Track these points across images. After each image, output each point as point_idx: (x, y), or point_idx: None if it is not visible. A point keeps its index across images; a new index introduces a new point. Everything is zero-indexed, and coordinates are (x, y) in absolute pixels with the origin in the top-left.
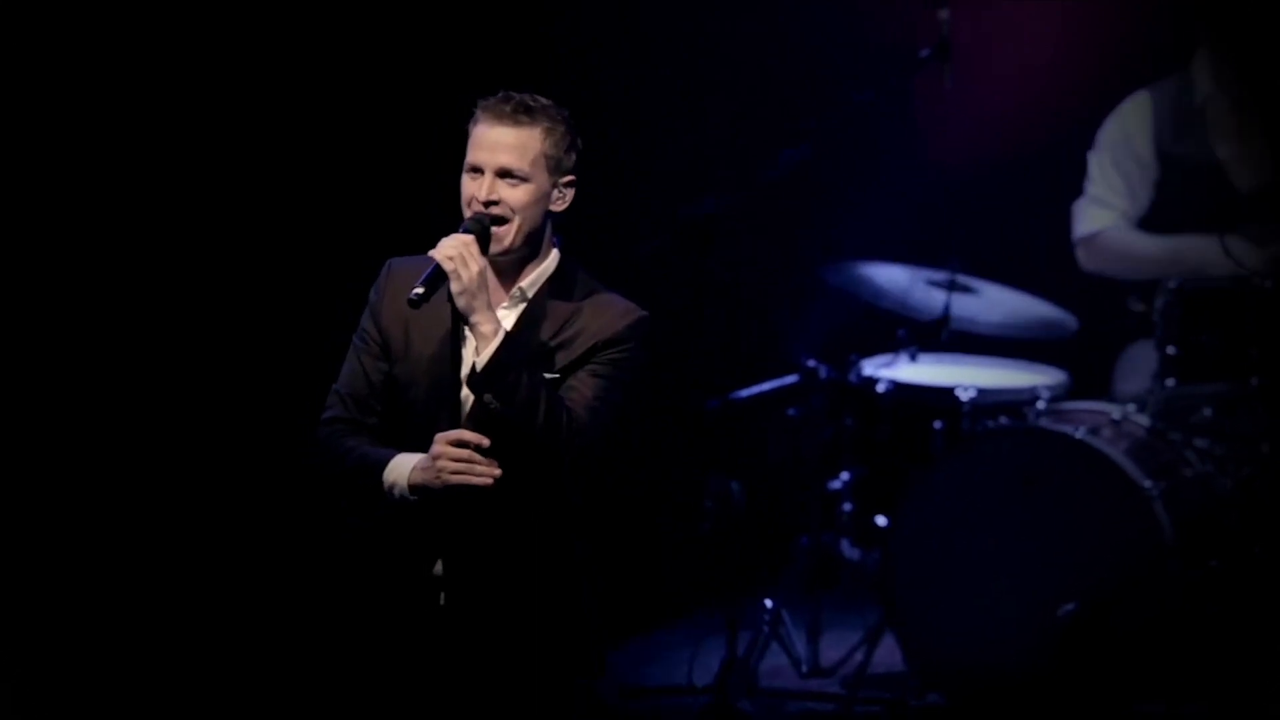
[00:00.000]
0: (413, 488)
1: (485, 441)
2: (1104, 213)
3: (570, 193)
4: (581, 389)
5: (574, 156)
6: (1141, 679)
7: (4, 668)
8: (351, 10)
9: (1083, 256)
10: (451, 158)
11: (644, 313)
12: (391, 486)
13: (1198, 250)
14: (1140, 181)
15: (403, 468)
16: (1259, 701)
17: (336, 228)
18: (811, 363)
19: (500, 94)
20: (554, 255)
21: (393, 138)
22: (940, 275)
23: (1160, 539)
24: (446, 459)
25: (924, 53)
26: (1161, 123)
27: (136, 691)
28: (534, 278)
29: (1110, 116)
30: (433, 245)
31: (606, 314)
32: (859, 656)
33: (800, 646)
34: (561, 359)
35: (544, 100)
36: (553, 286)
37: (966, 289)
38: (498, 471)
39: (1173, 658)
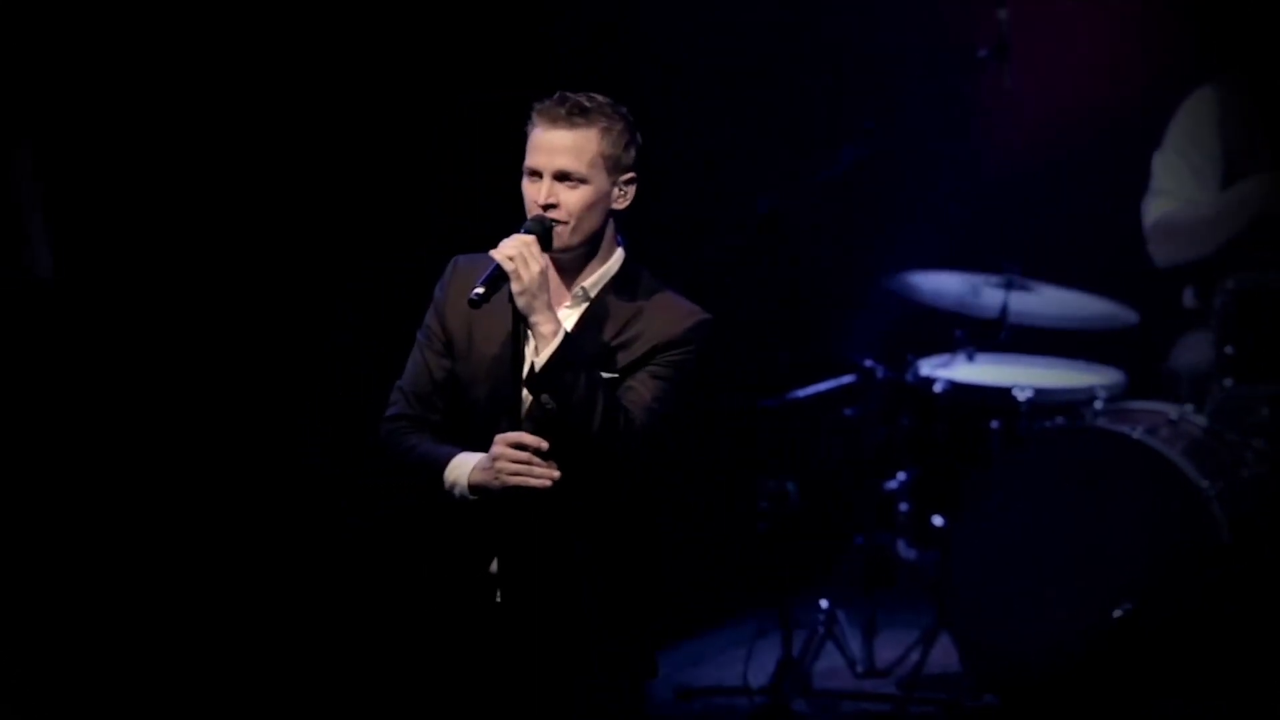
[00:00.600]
0: (473, 487)
1: (544, 444)
2: (1168, 201)
3: (631, 190)
4: (640, 390)
5: (633, 153)
6: (1198, 679)
7: (4, 668)
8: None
9: (1154, 249)
10: (457, 156)
11: (707, 315)
12: (453, 485)
13: (1262, 189)
14: (1209, 175)
15: (464, 467)
16: None
17: (334, 228)
18: (868, 362)
19: (556, 95)
20: (618, 255)
21: (396, 137)
22: (998, 278)
23: (1217, 539)
24: (505, 460)
25: (982, 52)
26: (1227, 117)
27: (141, 691)
28: (596, 277)
29: (1175, 114)
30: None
31: (669, 315)
32: (914, 657)
33: (855, 647)
34: (622, 359)
35: (600, 98)
36: (616, 286)
37: (1024, 288)
38: (556, 474)
39: (1230, 658)
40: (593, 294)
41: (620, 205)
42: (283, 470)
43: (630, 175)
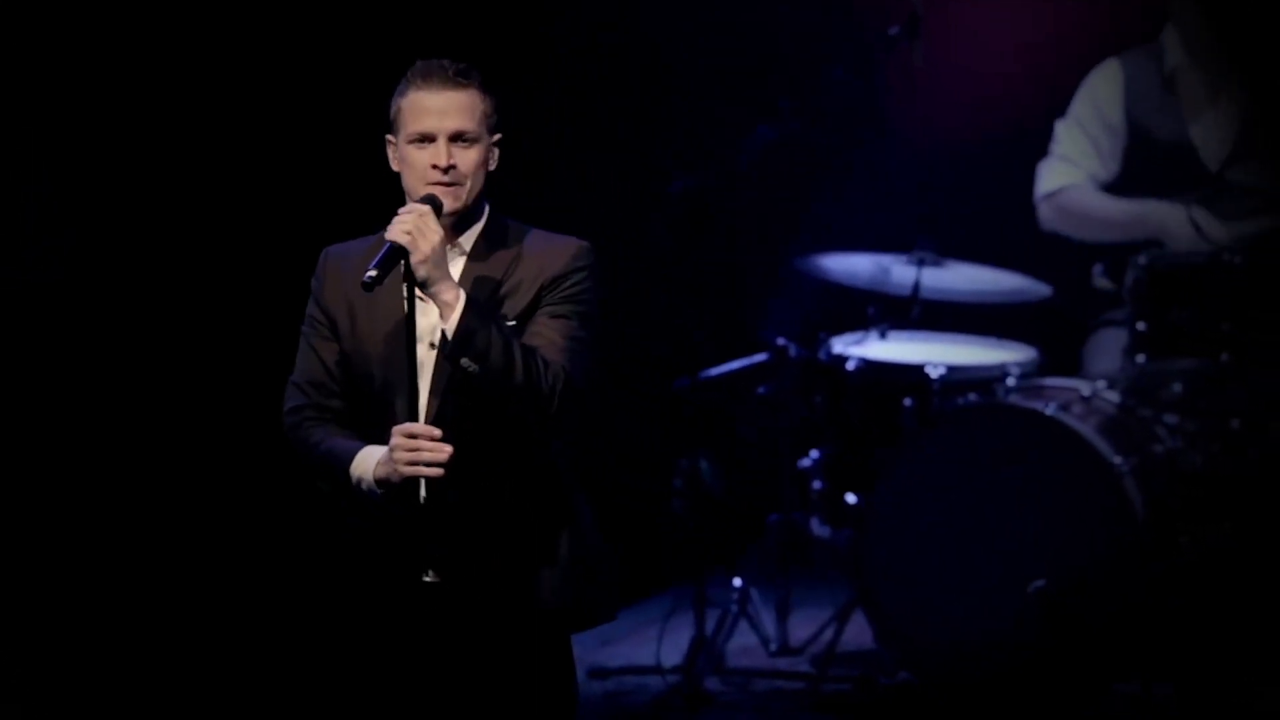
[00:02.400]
0: (378, 481)
1: (436, 432)
2: (1069, 170)
3: (497, 152)
4: (546, 333)
5: (497, 116)
6: (1112, 656)
7: (8, 668)
8: None
9: (1044, 215)
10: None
11: (584, 242)
12: (359, 481)
13: (1161, 216)
14: (1109, 147)
15: (368, 462)
16: (1228, 679)
17: (339, 227)
18: (781, 341)
19: (422, 63)
20: (485, 210)
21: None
22: (909, 256)
23: (1131, 515)
24: (400, 450)
25: (893, 30)
26: (1131, 91)
27: (142, 691)
28: (469, 234)
29: (1081, 85)
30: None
31: (546, 252)
32: (829, 635)
33: (769, 625)
34: (514, 306)
35: (465, 62)
36: (488, 238)
37: (936, 264)
38: (445, 456)
39: (1143, 635)
40: (467, 248)
41: (493, 165)
42: (283, 470)
43: (498, 136)
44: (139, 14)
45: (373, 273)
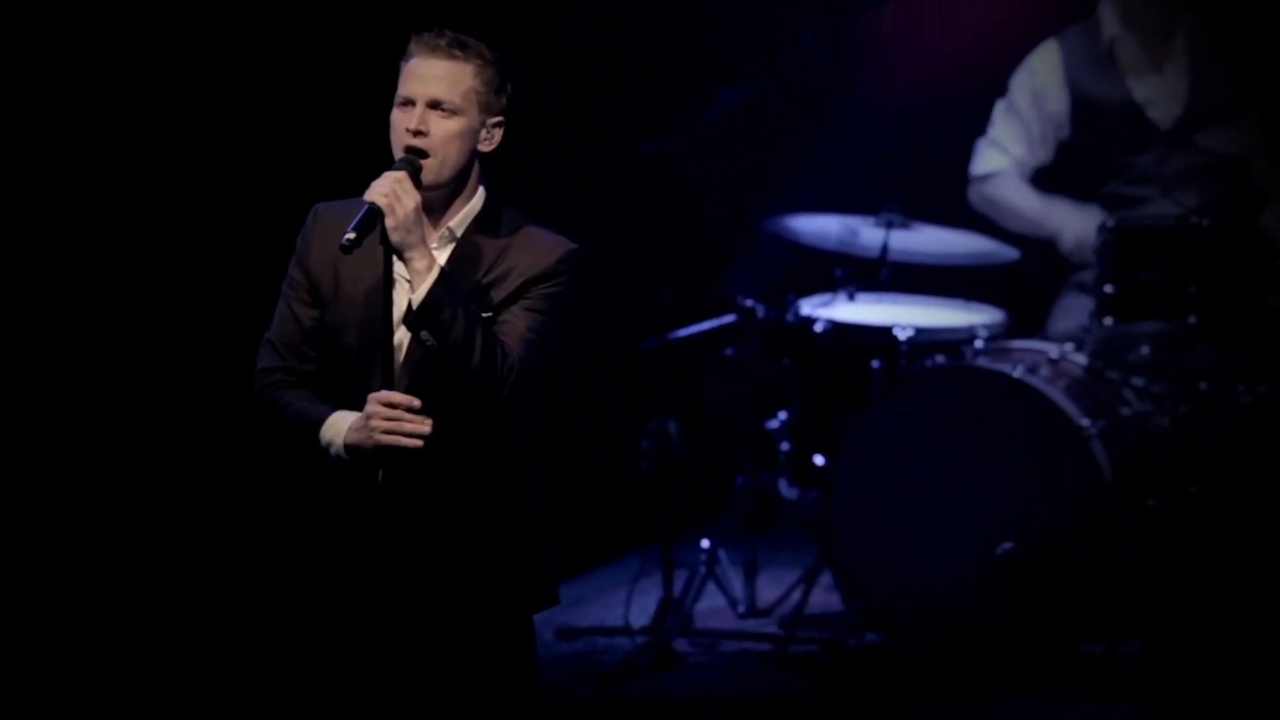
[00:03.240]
0: (348, 447)
1: (415, 403)
2: (999, 156)
3: (498, 134)
4: (515, 324)
5: (504, 100)
6: (1079, 618)
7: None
8: None
9: (972, 196)
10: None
11: (574, 245)
12: (329, 445)
13: (1061, 219)
14: (1041, 133)
15: (339, 426)
16: (1195, 640)
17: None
18: (749, 302)
19: (434, 29)
20: (480, 194)
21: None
22: (878, 219)
23: (1098, 478)
24: (378, 419)
25: None
26: (1073, 68)
27: (142, 692)
28: (461, 217)
29: (1019, 67)
30: (357, 191)
31: (537, 249)
32: (796, 596)
33: (737, 587)
34: (494, 296)
35: (476, 40)
36: (481, 224)
37: (904, 227)
38: (426, 429)
39: (1111, 596)
40: (459, 233)
41: (486, 147)
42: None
43: (499, 119)
44: (138, 14)
45: (351, 235)
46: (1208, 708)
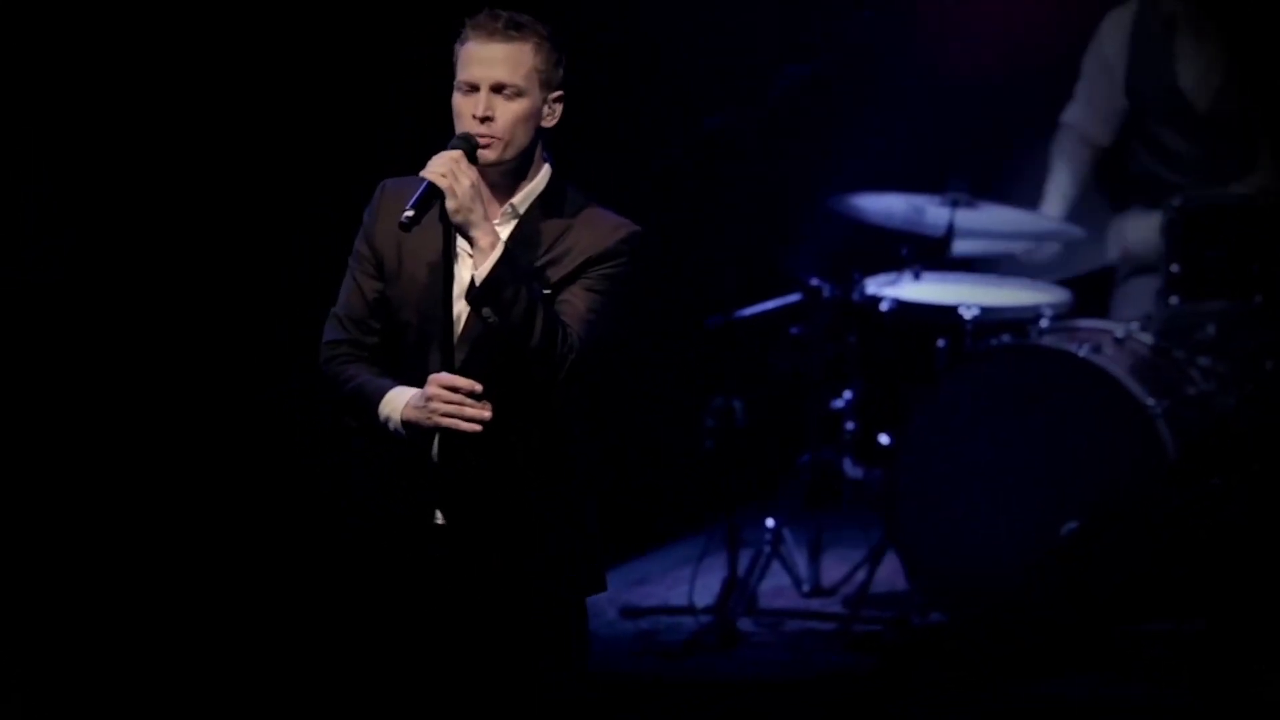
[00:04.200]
0: (405, 423)
1: (477, 387)
2: (1073, 106)
3: (559, 109)
4: (575, 304)
5: (561, 73)
6: (1143, 597)
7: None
8: None
9: (1056, 139)
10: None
11: (636, 227)
12: (387, 419)
13: (1122, 227)
14: (1105, 98)
15: (397, 402)
16: (1259, 618)
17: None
18: (815, 281)
19: (486, 11)
20: (545, 171)
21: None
22: (943, 197)
23: (1163, 457)
24: (439, 401)
25: None
26: (1135, 38)
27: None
28: (524, 194)
29: (1097, 31)
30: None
31: (598, 229)
32: (861, 576)
33: (802, 566)
34: (553, 275)
35: (531, 17)
36: (544, 203)
37: (969, 205)
38: (487, 415)
39: (1174, 575)
40: (521, 211)
41: (549, 123)
42: (283, 470)
43: (559, 94)
44: (137, 14)
45: (410, 212)
46: (1261, 691)
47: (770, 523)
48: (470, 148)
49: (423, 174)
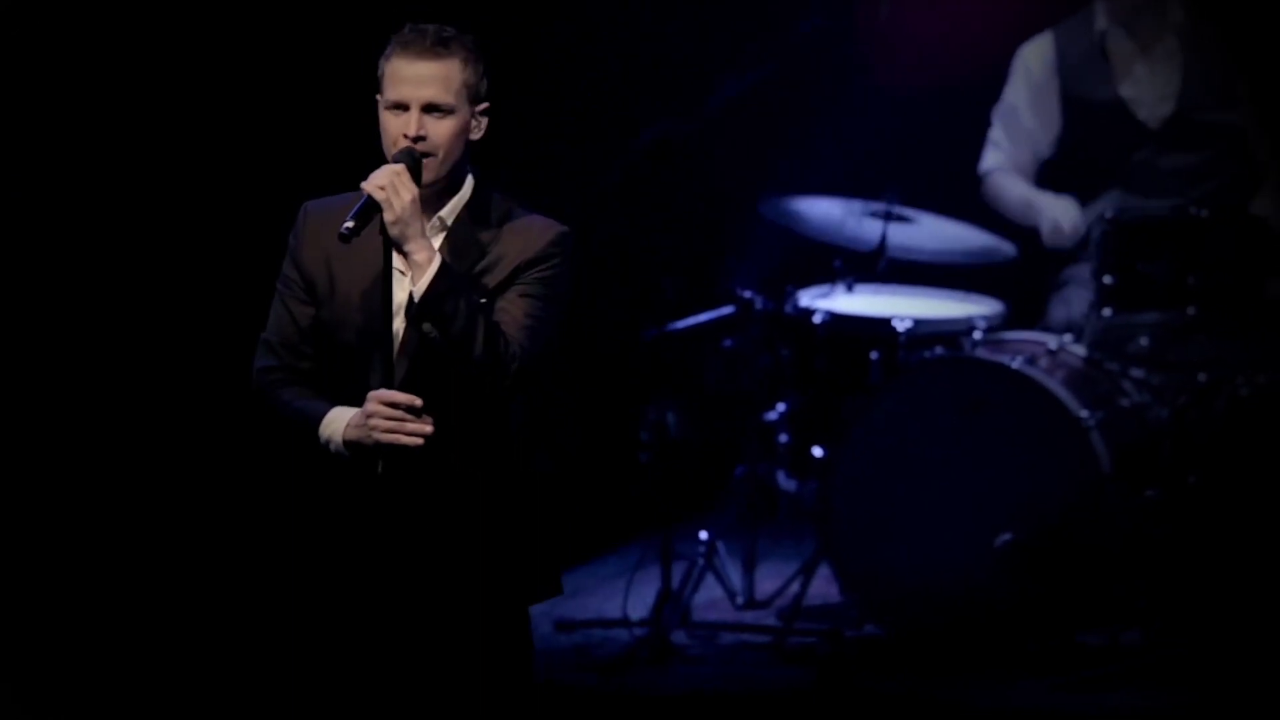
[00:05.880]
0: (347, 443)
1: (417, 402)
2: (993, 153)
3: (485, 121)
4: (513, 311)
5: (486, 84)
6: (1079, 608)
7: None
8: None
9: (982, 191)
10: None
11: (564, 228)
12: (328, 441)
13: (1041, 208)
14: (1037, 127)
15: (338, 423)
16: (1195, 629)
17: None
18: (747, 293)
19: (410, 27)
20: (469, 182)
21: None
22: (877, 206)
23: (1097, 469)
24: (379, 418)
25: None
26: (1064, 61)
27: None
28: (451, 205)
29: (1014, 60)
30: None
31: (527, 234)
32: (795, 588)
33: (736, 578)
34: (487, 283)
35: (453, 29)
36: (471, 212)
37: (903, 219)
38: (429, 429)
39: (1110, 587)
40: (449, 222)
41: (476, 135)
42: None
43: (485, 105)
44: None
45: (349, 224)
46: (1205, 698)
47: (704, 535)
48: (414, 161)
49: (363, 186)
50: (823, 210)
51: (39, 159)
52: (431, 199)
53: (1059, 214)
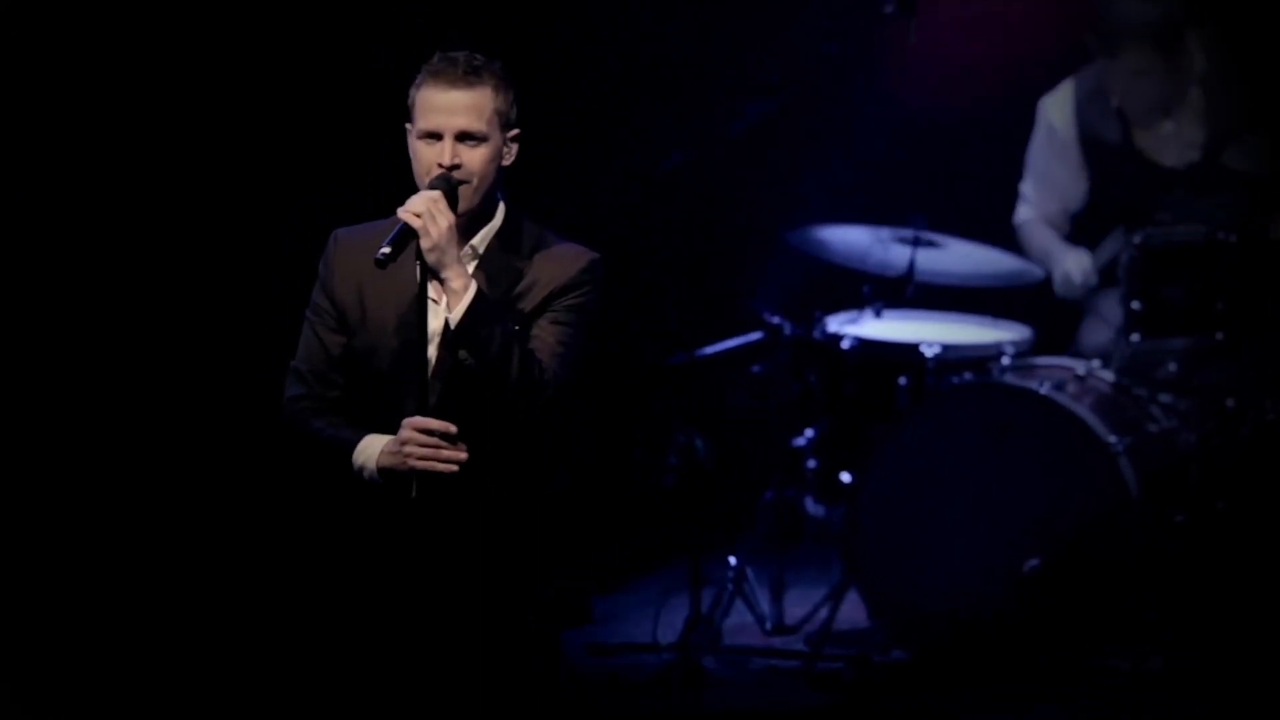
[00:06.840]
0: (381, 470)
1: (451, 429)
2: (1023, 207)
3: (515, 147)
4: (545, 337)
5: (515, 110)
6: (1106, 633)
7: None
8: None
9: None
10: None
11: (595, 254)
12: (361, 468)
13: (1054, 258)
14: (1060, 175)
15: (371, 449)
16: (1221, 654)
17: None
18: (776, 319)
19: (440, 56)
20: (500, 209)
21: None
22: (904, 232)
23: (1125, 494)
24: (413, 445)
25: (889, 7)
26: (1082, 111)
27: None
28: (483, 234)
29: (1038, 109)
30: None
31: (559, 261)
32: (823, 613)
33: (764, 604)
34: (521, 310)
35: (482, 57)
36: (502, 240)
37: (931, 244)
38: (463, 455)
39: (1137, 612)
40: (481, 250)
41: (507, 162)
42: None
43: (515, 132)
44: (134, 14)
45: (386, 249)
46: None
47: (733, 560)
48: (450, 188)
49: (399, 212)
50: (850, 237)
51: (39, 159)
52: (464, 227)
53: (1070, 265)
